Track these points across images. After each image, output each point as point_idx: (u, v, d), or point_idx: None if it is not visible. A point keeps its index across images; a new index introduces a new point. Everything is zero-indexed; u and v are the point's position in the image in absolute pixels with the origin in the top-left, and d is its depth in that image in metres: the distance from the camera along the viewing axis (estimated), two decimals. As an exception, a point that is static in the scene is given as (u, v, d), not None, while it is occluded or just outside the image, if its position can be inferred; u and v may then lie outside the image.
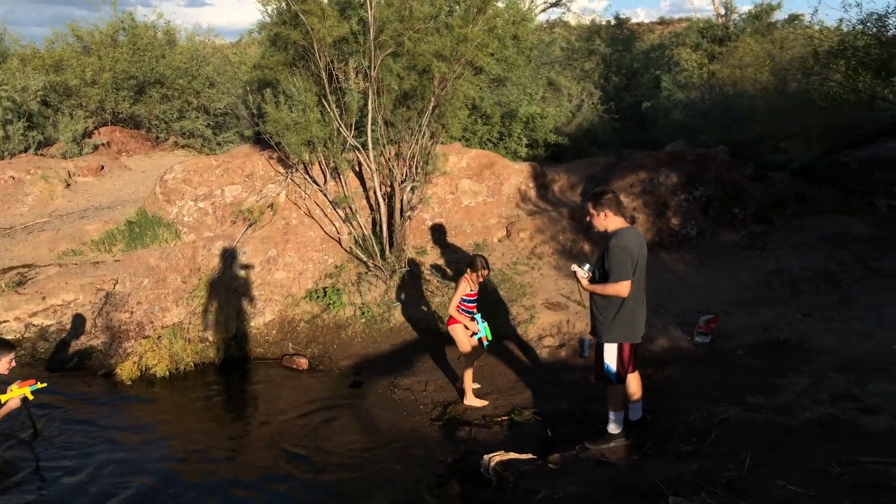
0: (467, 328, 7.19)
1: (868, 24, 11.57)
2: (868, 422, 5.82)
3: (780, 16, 21.45)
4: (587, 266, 5.84)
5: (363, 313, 9.35)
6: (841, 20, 12.44)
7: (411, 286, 9.59)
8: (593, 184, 12.54)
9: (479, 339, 7.25)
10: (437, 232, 10.63)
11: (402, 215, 9.83)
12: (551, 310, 9.02)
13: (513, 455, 5.98)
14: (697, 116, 14.93)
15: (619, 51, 22.09)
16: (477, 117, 13.42)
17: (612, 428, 5.97)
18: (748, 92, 15.51)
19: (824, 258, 9.89)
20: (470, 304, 7.22)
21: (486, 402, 7.30)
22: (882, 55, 11.20)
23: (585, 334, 8.52)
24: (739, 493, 4.82)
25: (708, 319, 8.16)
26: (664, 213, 11.00)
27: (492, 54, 9.33)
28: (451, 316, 7.25)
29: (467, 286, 7.12)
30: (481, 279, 7.16)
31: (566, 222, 11.17)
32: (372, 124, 9.41)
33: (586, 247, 10.76)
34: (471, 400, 7.32)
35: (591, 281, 5.82)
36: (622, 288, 5.50)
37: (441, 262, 10.31)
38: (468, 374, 7.34)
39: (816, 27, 14.49)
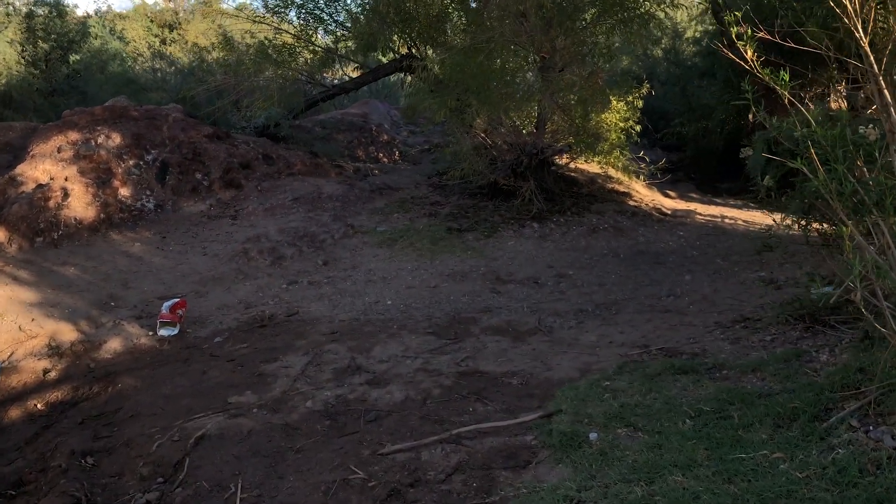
0: None
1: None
2: (382, 395, 4.58)
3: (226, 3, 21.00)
4: None
5: None
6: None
7: None
8: (10, 154, 9.36)
9: None
10: None
11: None
12: (-64, 327, 5.92)
13: None
14: (146, 74, 12.68)
15: (51, 17, 18.46)
16: None
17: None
18: (210, 66, 13.90)
19: (303, 220, 8.78)
20: None
21: None
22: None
23: (-4, 354, 5.75)
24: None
25: (173, 305, 6.16)
26: (109, 183, 8.58)
27: None
28: None
29: None
30: None
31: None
32: None
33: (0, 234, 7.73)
34: None
35: None
36: None
37: None
38: None
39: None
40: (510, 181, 8.95)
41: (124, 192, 8.68)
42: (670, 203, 10.34)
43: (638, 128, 9.87)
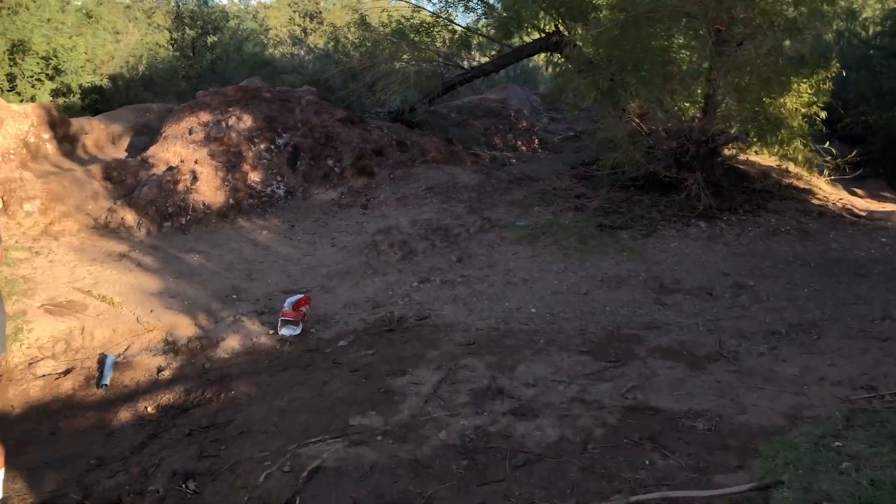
0: None
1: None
2: (530, 431, 3.74)
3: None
4: None
5: None
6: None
7: None
8: (146, 136, 9.24)
9: None
10: None
11: None
12: (56, 315, 5.62)
13: None
14: (284, 59, 12.43)
15: (199, 4, 18.94)
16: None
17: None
18: (346, 48, 13.53)
19: (437, 211, 8.07)
20: None
21: None
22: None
23: (113, 347, 5.38)
24: None
25: (296, 301, 5.59)
26: (239, 167, 8.21)
27: None
28: None
29: None
30: None
31: (99, 185, 7.74)
32: None
33: (129, 217, 7.49)
34: None
35: None
36: None
37: None
38: None
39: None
40: (671, 172, 7.83)
41: (254, 176, 8.28)
42: (862, 203, 8.85)
43: (823, 114, 8.46)
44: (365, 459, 3.57)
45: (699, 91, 8.32)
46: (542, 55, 11.49)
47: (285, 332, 5.49)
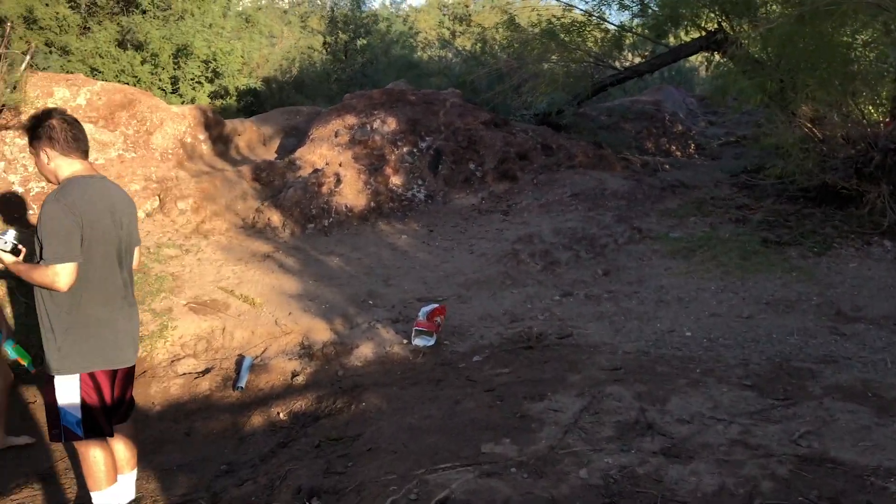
0: None
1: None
2: (684, 476, 3.28)
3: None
4: (11, 234, 3.09)
5: None
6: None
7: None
8: (295, 138, 9.42)
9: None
10: (15, 205, 6.68)
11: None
12: (199, 314, 5.72)
13: None
14: (432, 62, 12.39)
15: (352, 8, 19.48)
16: (137, 53, 9.66)
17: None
18: (493, 50, 13.33)
19: (582, 220, 7.63)
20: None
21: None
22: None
23: (251, 349, 5.39)
24: None
25: (431, 311, 5.37)
26: (381, 170, 8.16)
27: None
28: None
29: None
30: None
31: (248, 185, 7.93)
32: None
33: (275, 218, 7.60)
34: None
35: (27, 260, 3.09)
36: (53, 276, 2.91)
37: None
38: None
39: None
40: (851, 184, 6.97)
41: (396, 180, 8.21)
42: None
43: None
44: (497, 494, 3.25)
45: (885, 92, 7.39)
46: (701, 55, 10.77)
47: (419, 342, 5.29)
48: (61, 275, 2.84)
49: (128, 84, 9.02)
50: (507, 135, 9.04)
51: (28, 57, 6.52)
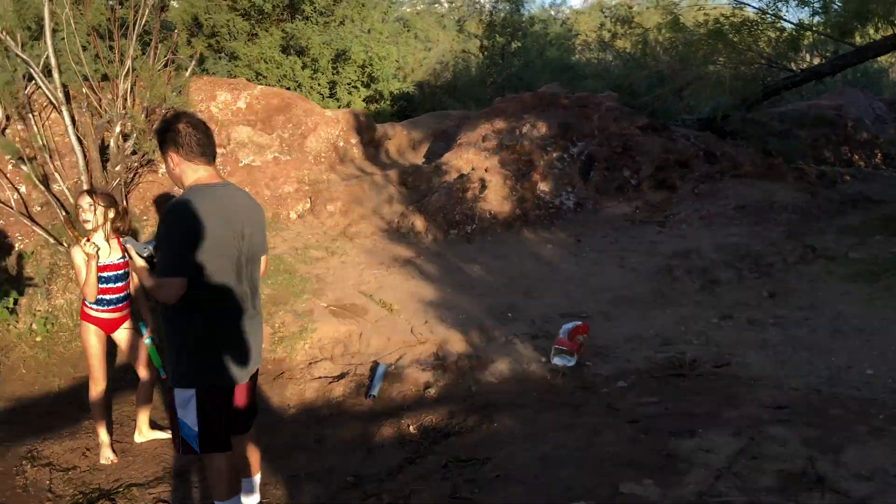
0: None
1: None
2: (865, 551, 2.76)
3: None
4: (152, 243, 2.98)
5: (45, 326, 5.81)
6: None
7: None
8: (444, 142, 9.35)
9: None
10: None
11: (118, 172, 6.32)
12: (339, 317, 5.72)
13: None
14: (589, 65, 11.96)
15: (511, 12, 19.46)
16: (299, 59, 10.01)
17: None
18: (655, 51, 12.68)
19: (747, 235, 6.99)
20: (113, 287, 3.98)
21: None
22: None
23: (386, 356, 5.30)
24: None
25: (572, 329, 5.03)
26: (529, 176, 7.89)
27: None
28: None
29: (95, 249, 3.82)
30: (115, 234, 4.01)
31: (394, 189, 7.93)
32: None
33: (418, 223, 7.53)
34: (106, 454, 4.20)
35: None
36: (159, 288, 2.88)
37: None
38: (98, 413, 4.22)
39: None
40: None
41: (543, 186, 7.91)
42: None
43: None
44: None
45: None
46: (892, 55, 9.64)
47: (558, 361, 4.97)
48: (165, 288, 2.80)
49: (289, 88, 9.34)
50: (666, 140, 8.49)
51: (192, 62, 6.85)
